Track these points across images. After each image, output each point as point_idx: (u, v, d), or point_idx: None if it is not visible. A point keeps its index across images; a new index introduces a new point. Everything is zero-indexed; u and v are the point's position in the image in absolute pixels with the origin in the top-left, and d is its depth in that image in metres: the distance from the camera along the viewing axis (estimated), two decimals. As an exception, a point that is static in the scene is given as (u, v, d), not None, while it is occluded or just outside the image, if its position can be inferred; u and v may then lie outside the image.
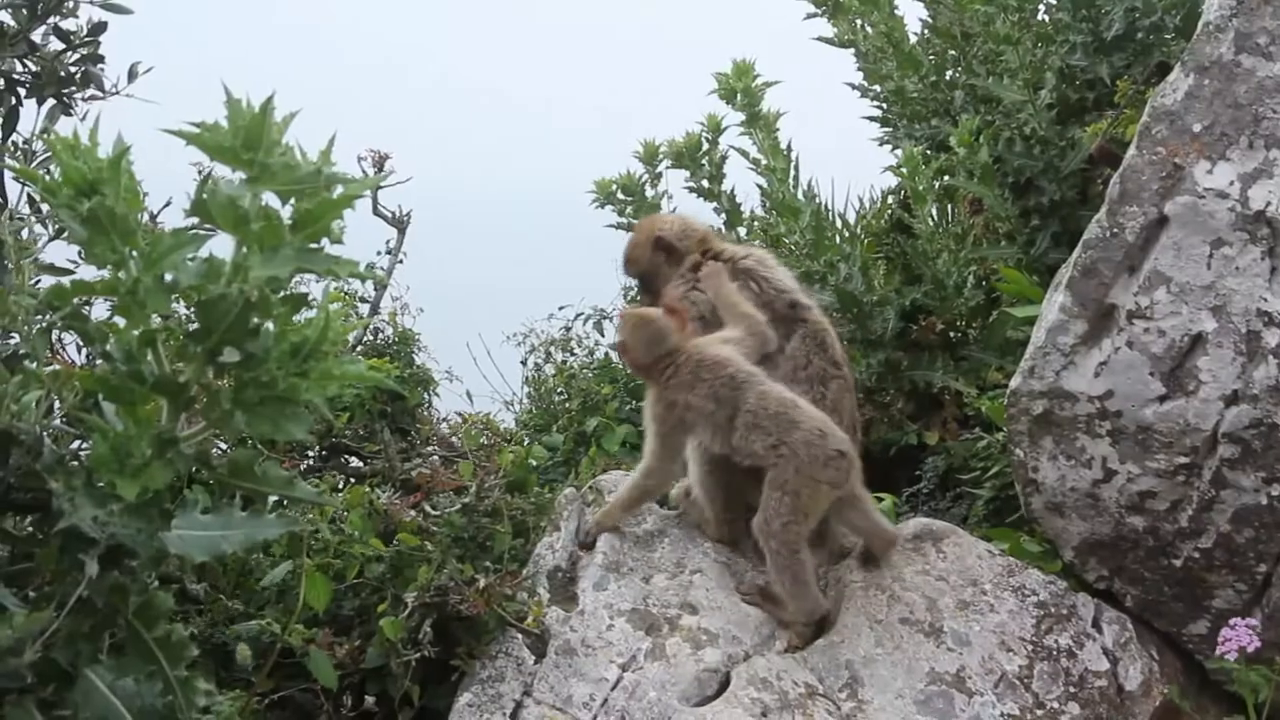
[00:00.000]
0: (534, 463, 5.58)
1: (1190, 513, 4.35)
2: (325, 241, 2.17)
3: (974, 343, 6.35)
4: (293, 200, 2.15)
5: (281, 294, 2.15)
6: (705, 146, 6.91)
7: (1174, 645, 4.61)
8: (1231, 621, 3.95)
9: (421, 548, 4.29)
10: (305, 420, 2.21)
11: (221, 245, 2.15)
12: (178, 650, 2.25)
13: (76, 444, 2.39)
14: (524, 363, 8.56)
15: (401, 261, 7.10)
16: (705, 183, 6.89)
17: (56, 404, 2.30)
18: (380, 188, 6.94)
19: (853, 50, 7.30)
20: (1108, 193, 4.39)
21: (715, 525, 4.65)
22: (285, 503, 3.17)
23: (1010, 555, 4.73)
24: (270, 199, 2.14)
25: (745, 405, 4.31)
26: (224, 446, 4.37)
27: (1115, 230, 4.32)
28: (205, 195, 2.09)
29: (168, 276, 2.10)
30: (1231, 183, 4.15)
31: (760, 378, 4.38)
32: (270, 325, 2.15)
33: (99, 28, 4.38)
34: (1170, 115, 4.27)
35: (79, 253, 2.17)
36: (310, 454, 5.81)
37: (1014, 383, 4.59)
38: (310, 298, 2.26)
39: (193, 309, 2.10)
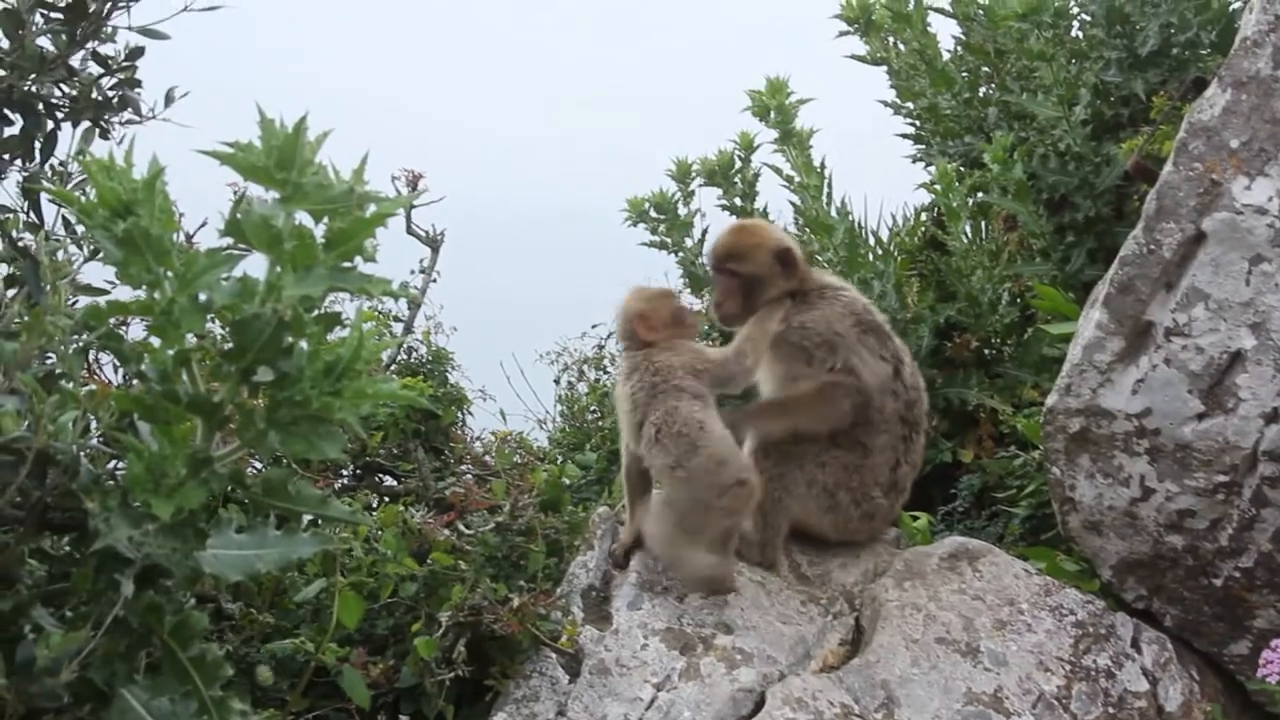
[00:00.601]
0: (567, 481, 5.58)
1: (1230, 531, 4.31)
2: (358, 260, 2.17)
3: (1009, 360, 6.32)
4: (326, 219, 2.15)
5: (315, 313, 2.15)
6: (738, 164, 6.92)
7: (1215, 666, 4.57)
8: (1273, 642, 3.90)
9: (455, 567, 4.29)
10: (339, 439, 2.20)
11: (256, 265, 2.15)
12: (213, 670, 2.25)
13: (112, 464, 2.39)
14: (557, 381, 8.59)
15: (435, 280, 7.14)
16: (738, 200, 6.90)
17: (93, 424, 2.30)
18: (414, 207, 6.98)
19: (885, 68, 7.31)
20: (1144, 209, 4.36)
21: (760, 549, 4.65)
22: (319, 522, 3.17)
23: (1047, 574, 4.70)
24: (304, 218, 2.14)
25: (651, 417, 4.30)
26: (259, 466, 4.42)
27: (1152, 247, 4.29)
28: (239, 215, 2.09)
29: (202, 296, 2.11)
30: (1270, 198, 4.12)
31: (682, 394, 4.33)
32: (304, 344, 2.15)
33: (136, 53, 4.40)
34: (1207, 131, 4.24)
35: (115, 273, 2.17)
36: (344, 473, 5.83)
37: (1050, 400, 4.56)
38: (344, 317, 2.26)
39: (227, 329, 2.10)
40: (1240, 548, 4.30)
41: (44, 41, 4.17)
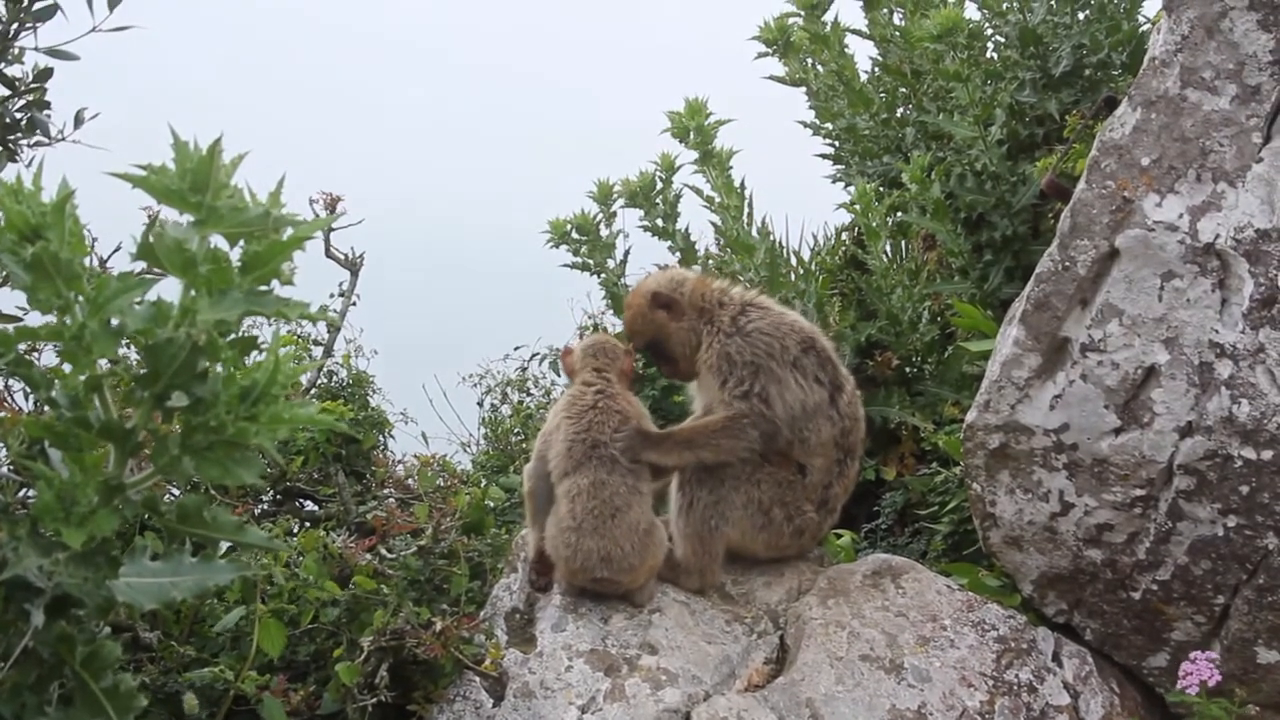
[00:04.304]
0: (491, 504, 5.56)
1: (1148, 545, 4.35)
2: (275, 284, 2.16)
3: (930, 378, 6.37)
4: (241, 242, 2.13)
5: (230, 337, 2.13)
6: (659, 185, 6.92)
7: (1135, 678, 4.61)
8: (1192, 655, 3.95)
9: (377, 591, 4.26)
10: (256, 464, 2.19)
11: (169, 289, 2.13)
12: (126, 701, 2.22)
13: (22, 492, 2.36)
14: (480, 404, 8.55)
15: (355, 304, 7.08)
16: (660, 221, 6.90)
17: (2, 451, 2.27)
18: (332, 229, 6.93)
19: (804, 89, 7.37)
20: (1059, 227, 4.42)
21: (700, 576, 4.67)
22: (237, 548, 3.14)
23: (970, 590, 4.73)
24: (219, 241, 2.13)
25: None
26: (175, 492, 4.37)
27: (1067, 264, 4.34)
28: (152, 238, 2.07)
29: (114, 321, 2.08)
30: (1181, 215, 4.18)
31: (558, 439, 4.55)
32: (219, 369, 2.13)
33: (45, 74, 4.35)
34: (1119, 149, 4.30)
35: (25, 298, 2.14)
36: (264, 498, 5.77)
37: (970, 417, 4.60)
38: (260, 341, 2.25)
39: (141, 353, 2.07)
40: (1157, 561, 4.35)
41: (-52, 64, 4.10)
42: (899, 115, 7.21)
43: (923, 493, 5.79)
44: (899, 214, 6.77)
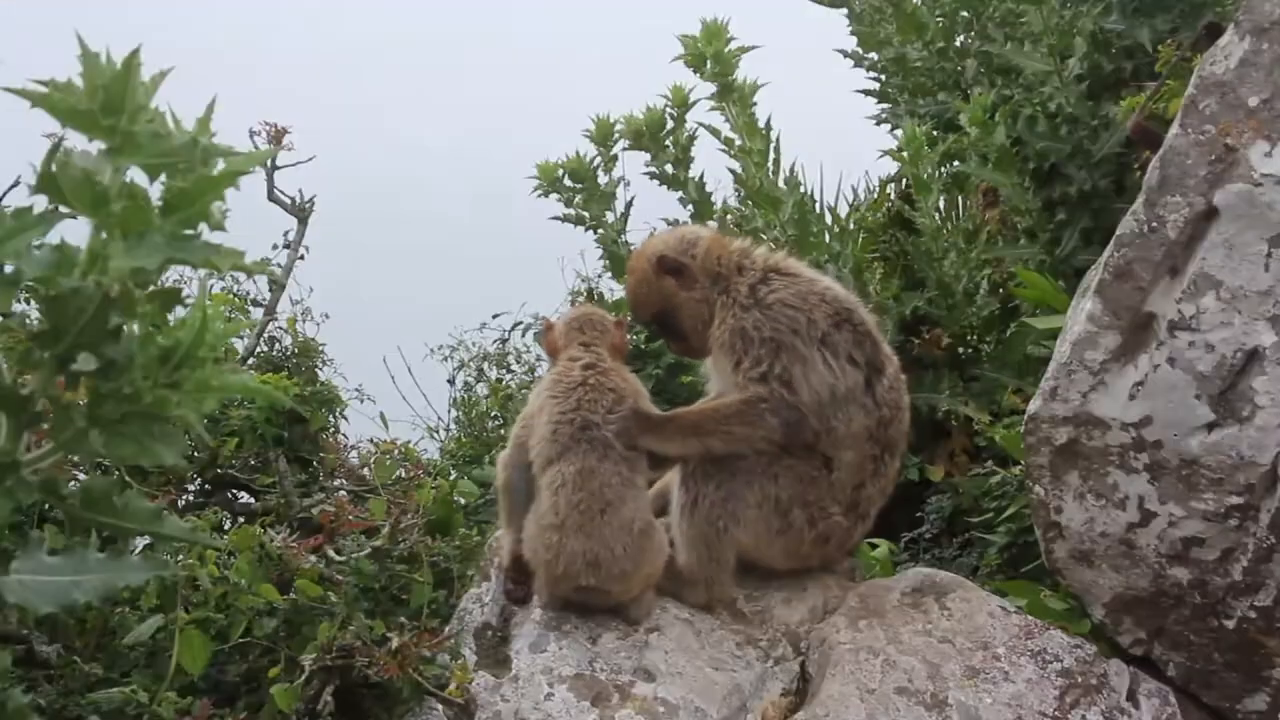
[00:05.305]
0: (461, 500, 5.58)
1: (1245, 564, 4.34)
2: (204, 228, 2.15)
3: (987, 360, 6.38)
4: (164, 177, 2.12)
5: (149, 289, 2.12)
6: (669, 124, 6.92)
7: (1225, 722, 4.62)
8: (1295, 695, 3.96)
9: (323, 600, 4.27)
10: (178, 442, 2.17)
11: (76, 230, 2.12)
12: (16, 721, 2.21)
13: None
14: (451, 381, 8.56)
15: (303, 257, 7.07)
16: (669, 167, 6.90)
17: None
18: (277, 167, 6.92)
19: (845, 10, 7.34)
20: (1145, 180, 4.40)
21: (705, 588, 4.67)
22: (154, 543, 3.14)
23: (1029, 613, 4.73)
24: (136, 175, 2.11)
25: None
26: (80, 475, 4.37)
27: (1154, 224, 4.32)
28: (54, 168, 2.06)
29: (9, 267, 2.07)
30: (1294, 168, 4.16)
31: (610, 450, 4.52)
32: (135, 326, 2.12)
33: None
34: (1221, 87, 4.28)
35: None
36: (189, 486, 5.77)
37: (1033, 406, 4.59)
38: (186, 296, 2.24)
39: (39, 307, 2.06)
40: (1257, 583, 4.33)
41: None
42: (958, 44, 7.20)
43: (975, 496, 5.80)
44: (955, 163, 6.76)
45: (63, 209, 2.11)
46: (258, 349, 6.39)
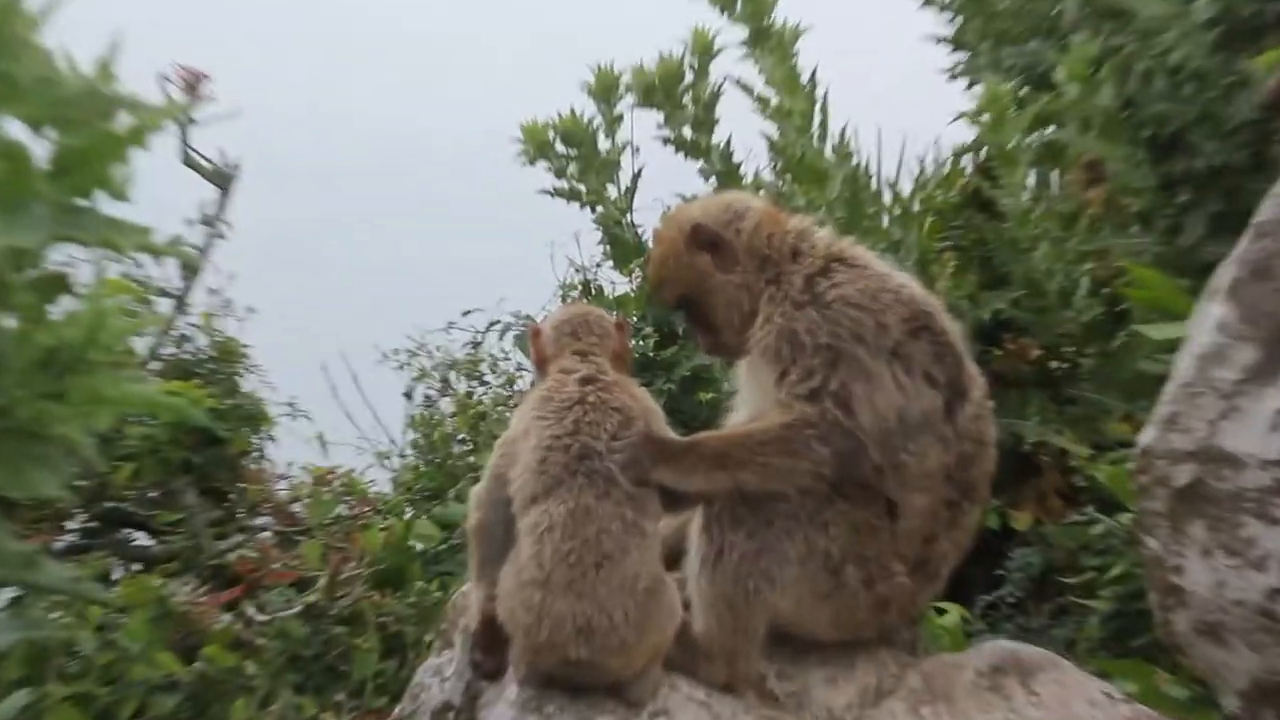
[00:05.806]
0: (418, 546, 5.55)
1: None
2: (100, 197, 2.13)
3: (1087, 378, 6.35)
4: (54, 133, 2.10)
5: (31, 274, 2.10)
6: (689, 77, 6.90)
7: (1391, 843, 4.59)
8: None
9: (238, 670, 4.23)
10: (60, 468, 2.16)
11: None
12: None
13: None
14: (408, 395, 8.58)
15: (224, 237, 7.07)
16: (687, 130, 6.89)
17: None
18: (193, 121, 6.89)
19: (913, -64, 7.34)
20: (1294, 153, 4.37)
21: (727, 663, 4.59)
22: (25, 595, 3.10)
23: (1140, 702, 4.69)
24: (17, 130, 2.10)
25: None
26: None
27: (1306, 209, 4.29)
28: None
29: None
30: None
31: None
32: (11, 321, 2.10)
33: None
34: (1393, 36, 4.24)
35: None
36: (72, 524, 5.76)
37: (1146, 438, 4.54)
38: (75, 283, 2.23)
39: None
40: None
41: None
42: (1055, -22, 7.20)
43: (1071, 551, 5.77)
44: (1048, 130, 6.74)
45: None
46: (161, 350, 6.38)
